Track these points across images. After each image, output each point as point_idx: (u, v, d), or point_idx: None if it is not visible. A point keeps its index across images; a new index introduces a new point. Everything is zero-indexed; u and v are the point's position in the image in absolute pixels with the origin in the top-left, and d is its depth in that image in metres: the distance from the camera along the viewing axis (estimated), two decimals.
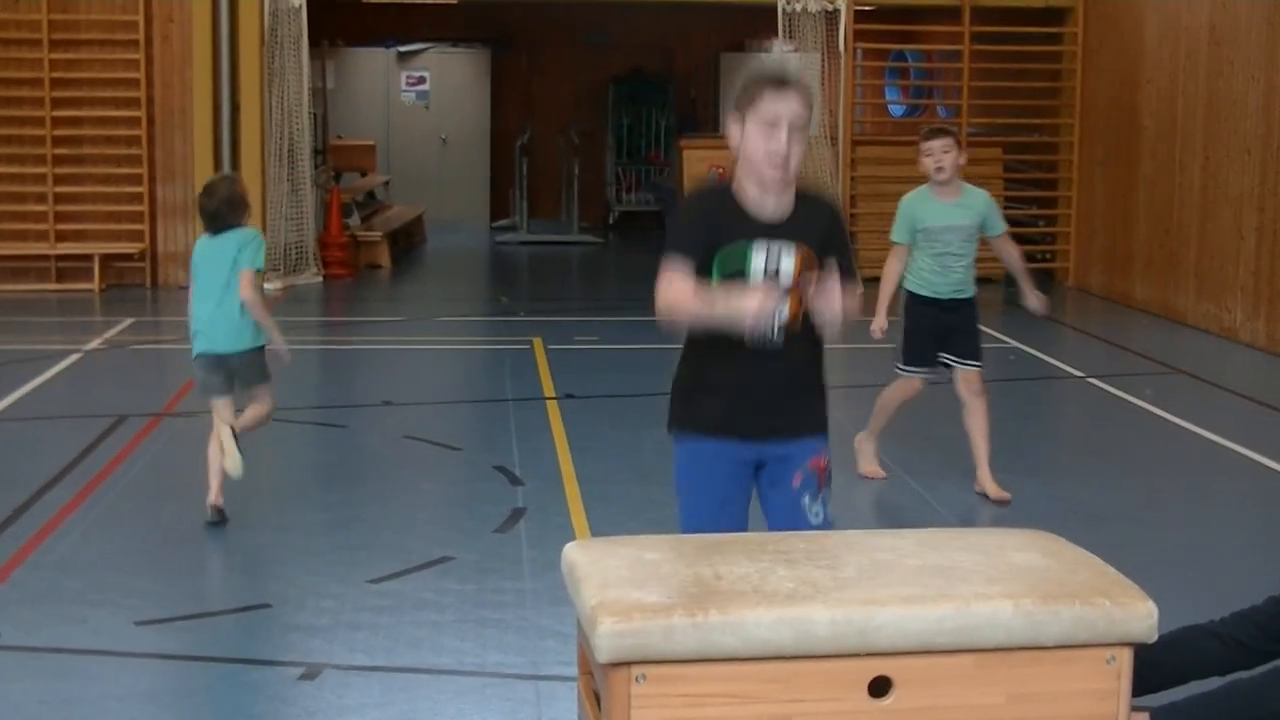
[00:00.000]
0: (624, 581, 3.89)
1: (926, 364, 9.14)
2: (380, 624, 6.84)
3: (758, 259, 4.87)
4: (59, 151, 18.07)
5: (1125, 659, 3.93)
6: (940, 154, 8.88)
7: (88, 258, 17.87)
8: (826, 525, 5.06)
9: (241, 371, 8.49)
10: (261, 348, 8.52)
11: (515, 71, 26.71)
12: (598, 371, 13.08)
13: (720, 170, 19.38)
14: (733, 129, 4.92)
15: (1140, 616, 3.90)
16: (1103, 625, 3.88)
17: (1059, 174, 19.41)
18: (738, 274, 4.85)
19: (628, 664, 3.66)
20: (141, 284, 18.14)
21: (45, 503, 8.71)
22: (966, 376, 9.07)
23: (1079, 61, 18.88)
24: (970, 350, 9.09)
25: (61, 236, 18.06)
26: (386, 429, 10.90)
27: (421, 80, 27.10)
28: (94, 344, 14.30)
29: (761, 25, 20.76)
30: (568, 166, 24.63)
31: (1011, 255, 9.32)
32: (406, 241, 22.82)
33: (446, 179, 26.82)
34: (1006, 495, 8.93)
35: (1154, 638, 3.95)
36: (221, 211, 8.44)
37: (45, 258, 17.99)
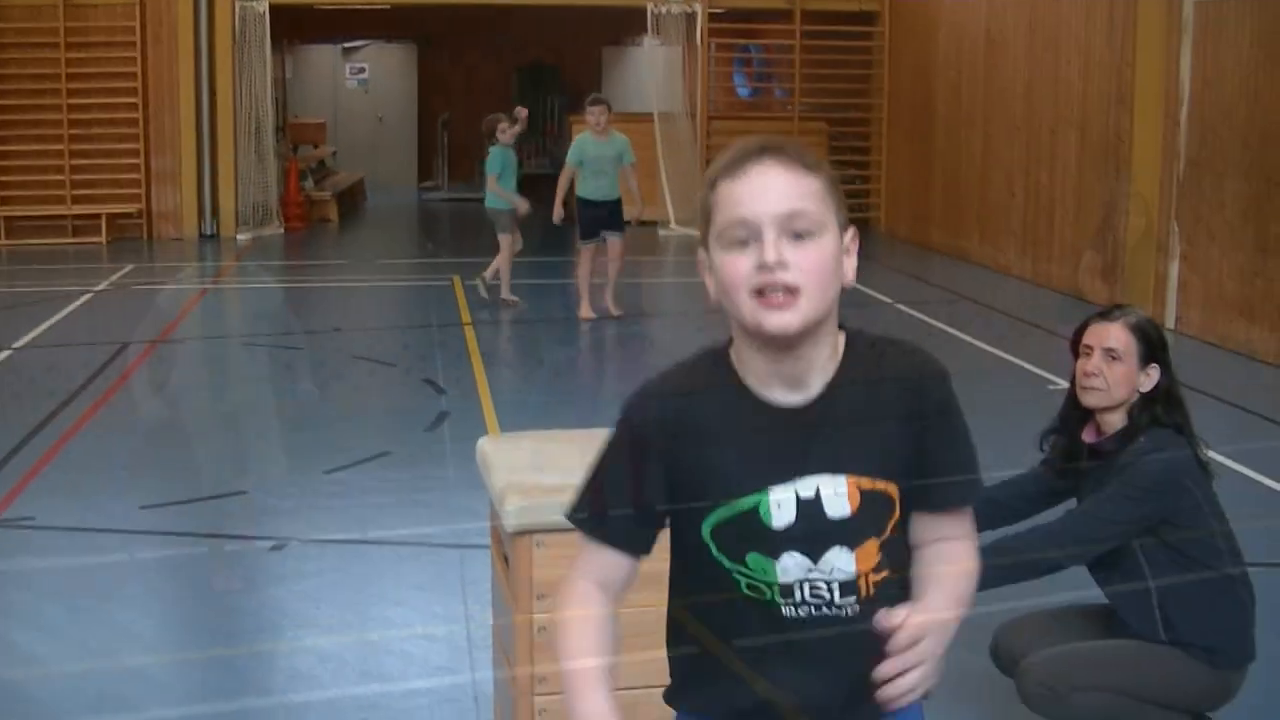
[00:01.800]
0: (527, 467, 3.85)
1: (595, 237, 11.60)
2: (335, 506, 6.88)
3: (779, 516, 2.16)
4: (73, 132, 17.81)
5: None
6: (599, 115, 11.53)
7: (96, 216, 17.63)
8: None
9: (492, 219, 12.25)
10: (496, 208, 12.18)
11: (438, 63, 26.46)
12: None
13: None
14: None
15: None
16: None
17: (872, 144, 19.52)
18: (749, 540, 2.18)
19: (530, 533, 3.63)
20: (139, 237, 17.93)
21: (65, 415, 8.66)
22: (612, 242, 11.72)
23: (885, 56, 18.99)
24: (616, 228, 11.72)
25: (75, 199, 17.79)
26: (336, 350, 10.89)
27: (362, 70, 26.80)
28: (101, 286, 14.14)
29: (635, 24, 20.68)
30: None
31: (630, 181, 11.73)
32: (351, 200, 22.62)
33: (383, 149, 26.57)
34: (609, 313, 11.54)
35: None
36: (485, 135, 12.31)
37: (62, 217, 17.70)
